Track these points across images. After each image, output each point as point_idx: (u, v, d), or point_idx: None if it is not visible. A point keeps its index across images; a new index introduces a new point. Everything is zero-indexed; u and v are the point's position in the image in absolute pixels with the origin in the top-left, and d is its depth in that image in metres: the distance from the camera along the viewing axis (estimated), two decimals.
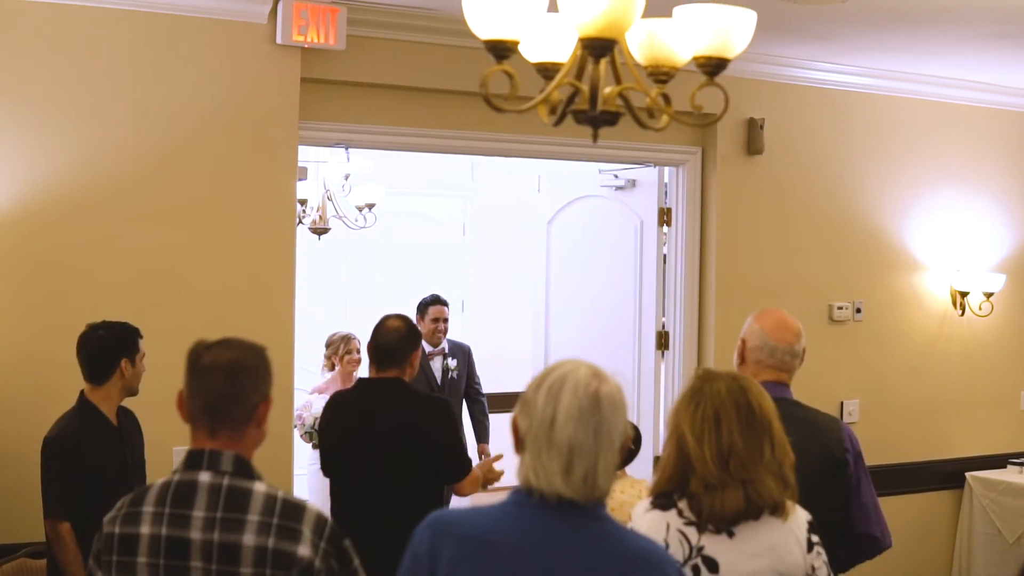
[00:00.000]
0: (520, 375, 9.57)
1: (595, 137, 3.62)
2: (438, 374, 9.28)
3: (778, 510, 3.63)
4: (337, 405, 5.95)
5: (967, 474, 9.30)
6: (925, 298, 9.23)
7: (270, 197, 6.78)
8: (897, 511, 8.91)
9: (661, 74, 3.70)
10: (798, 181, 8.63)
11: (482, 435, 9.69)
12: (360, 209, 10.37)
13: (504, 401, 9.83)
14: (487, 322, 12.72)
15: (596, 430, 2.81)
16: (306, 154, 9.33)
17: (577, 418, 2.80)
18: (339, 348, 9.32)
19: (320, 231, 10.41)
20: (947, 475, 9.33)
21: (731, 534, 3.58)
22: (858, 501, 4.76)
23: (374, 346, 5.83)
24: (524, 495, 2.87)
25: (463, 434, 6.10)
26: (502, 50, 3.53)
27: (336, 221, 10.50)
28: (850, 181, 8.85)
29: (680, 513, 3.60)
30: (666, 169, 8.47)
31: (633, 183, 8.66)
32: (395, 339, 5.80)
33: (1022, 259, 9.66)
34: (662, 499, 3.65)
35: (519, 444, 2.90)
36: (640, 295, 8.60)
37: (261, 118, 6.74)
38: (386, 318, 5.90)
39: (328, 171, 10.22)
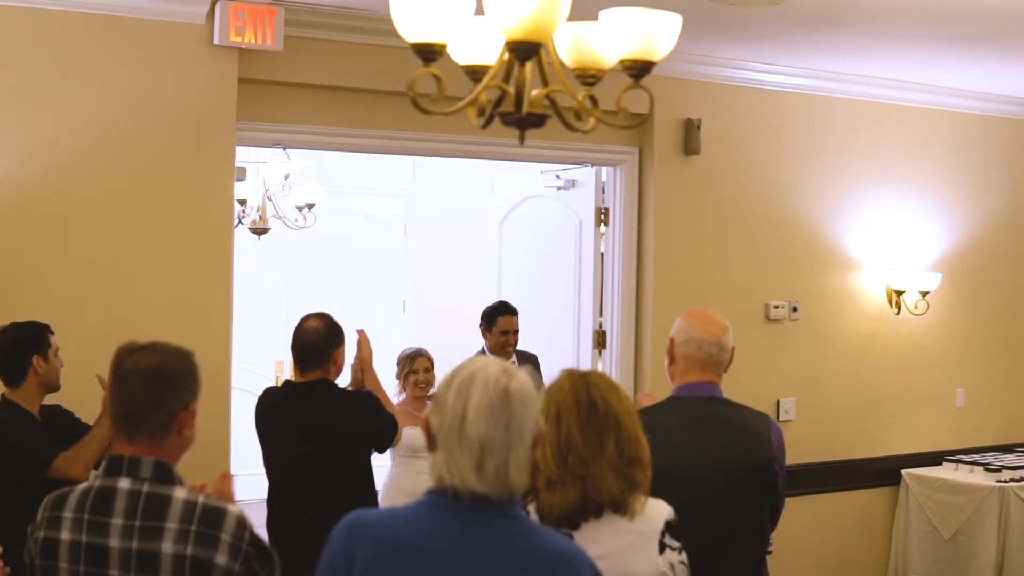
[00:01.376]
0: None
1: (521, 139, 3.64)
2: None
3: (620, 508, 3.60)
4: (265, 411, 5.95)
5: (903, 471, 9.38)
6: (861, 297, 9.31)
7: (208, 197, 6.77)
8: (834, 509, 9.02)
9: (588, 76, 3.73)
10: (735, 181, 8.68)
11: None
12: (300, 209, 10.36)
13: None
14: (429, 322, 12.72)
15: (507, 425, 2.82)
16: (246, 154, 9.32)
17: (488, 414, 2.82)
18: (404, 368, 7.92)
19: (260, 231, 10.40)
20: (883, 473, 9.41)
21: (571, 535, 3.51)
22: (781, 503, 4.76)
23: (294, 348, 5.83)
24: (439, 495, 2.87)
25: (388, 412, 6.06)
26: (429, 53, 3.55)
27: (276, 221, 10.49)
28: (786, 181, 8.91)
29: (528, 515, 3.51)
30: (604, 169, 8.51)
31: (573, 183, 8.70)
32: (314, 339, 5.79)
33: (957, 258, 9.76)
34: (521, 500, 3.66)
35: (432, 443, 2.91)
36: (579, 294, 8.64)
37: (199, 119, 6.73)
38: (305, 318, 5.89)
39: (268, 171, 10.21)
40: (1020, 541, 8.81)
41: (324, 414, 5.69)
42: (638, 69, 3.68)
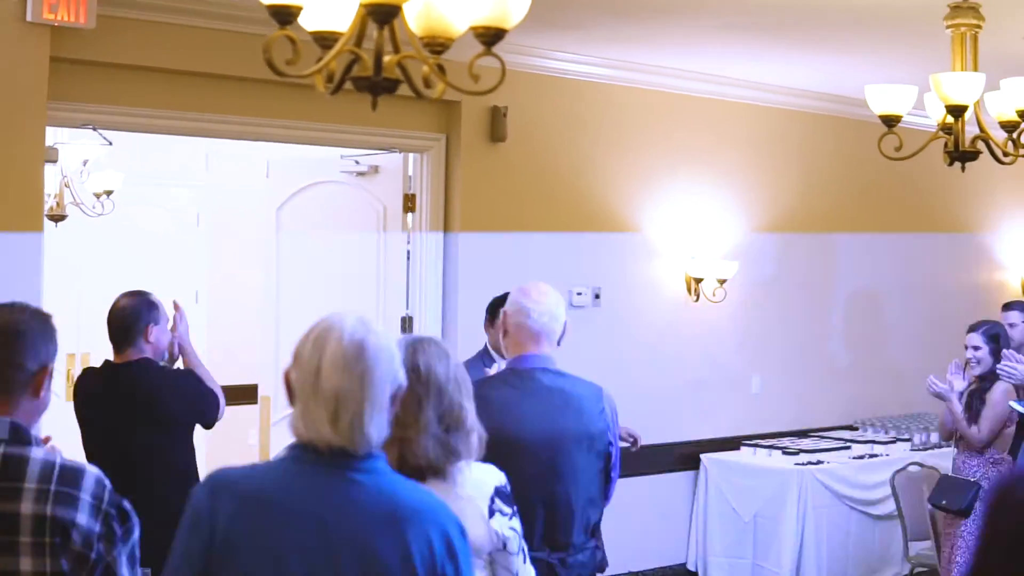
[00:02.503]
0: (254, 367, 9.47)
1: (374, 104, 3.61)
2: None
3: (439, 474, 3.63)
4: (84, 393, 5.83)
5: (702, 456, 9.55)
6: (661, 284, 9.45)
7: (16, 179, 6.57)
8: (636, 493, 9.12)
9: (437, 45, 3.70)
10: (540, 168, 8.74)
11: None
12: (98, 196, 10.11)
13: (241, 393, 9.72)
14: (221, 314, 12.54)
15: (361, 378, 2.82)
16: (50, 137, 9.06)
17: (342, 367, 2.81)
18: None
19: (57, 218, 10.10)
20: (683, 457, 9.57)
21: None
22: (616, 472, 4.84)
23: (108, 327, 5.76)
24: (300, 450, 2.87)
25: (209, 387, 5.95)
26: (285, 15, 3.51)
27: (73, 208, 10.21)
28: (590, 169, 9.00)
29: None
30: (410, 155, 8.48)
31: (376, 169, 8.63)
32: (123, 316, 5.73)
33: (754, 246, 9.97)
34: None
35: (291, 397, 2.90)
36: (384, 281, 8.58)
37: (8, 97, 6.52)
38: (118, 297, 5.83)
39: (66, 156, 9.92)
40: (818, 522, 9.05)
41: (144, 394, 5.59)
42: (491, 36, 3.68)
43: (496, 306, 6.98)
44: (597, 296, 9.02)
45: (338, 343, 2.84)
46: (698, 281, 9.57)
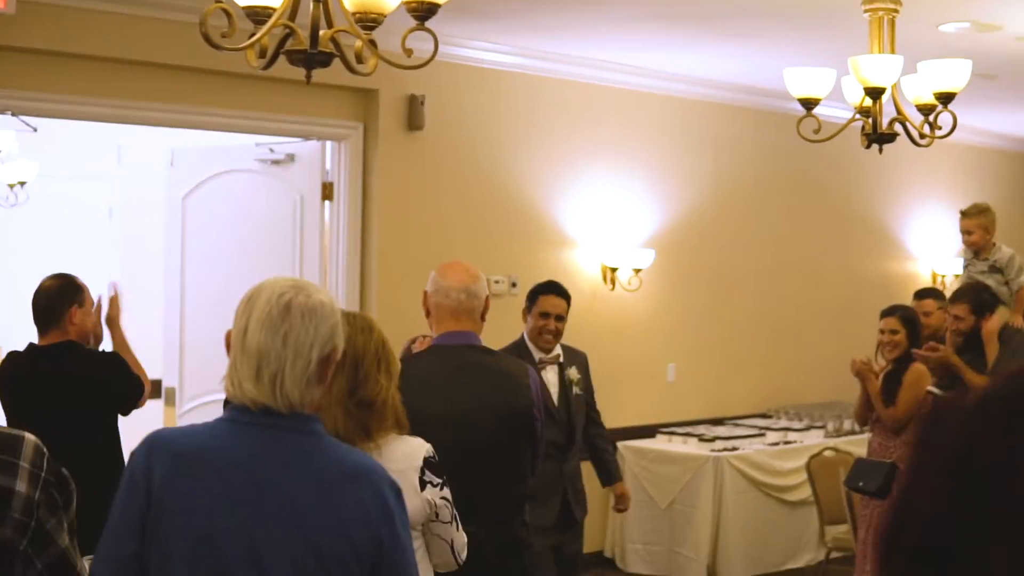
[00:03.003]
0: (160, 361, 9.34)
1: (308, 78, 3.62)
2: (555, 390, 6.86)
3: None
4: (8, 376, 5.78)
5: (618, 443, 9.58)
6: (577, 273, 9.48)
7: None
8: None
9: (369, 20, 3.71)
10: (457, 157, 8.76)
11: (614, 471, 7.43)
12: (12, 187, 10.00)
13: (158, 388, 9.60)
14: (134, 308, 12.42)
15: (284, 337, 2.85)
16: None
17: (267, 326, 2.85)
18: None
19: None
20: None
21: None
22: (541, 448, 4.87)
23: (32, 309, 5.72)
24: (237, 411, 2.90)
25: (135, 372, 5.92)
26: None
27: None
28: (506, 159, 9.03)
29: None
30: (328, 144, 8.45)
31: (292, 157, 8.58)
32: (46, 297, 5.71)
33: (670, 236, 10.04)
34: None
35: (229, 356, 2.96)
36: (300, 270, 8.53)
37: None
38: (43, 279, 5.81)
39: None
40: (735, 508, 9.13)
41: (69, 376, 5.55)
42: (424, 11, 3.70)
43: (532, 293, 7.08)
44: (514, 285, 9.04)
45: (266, 303, 2.88)
46: (614, 270, 9.62)
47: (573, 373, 6.90)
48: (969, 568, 1.61)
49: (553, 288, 7.06)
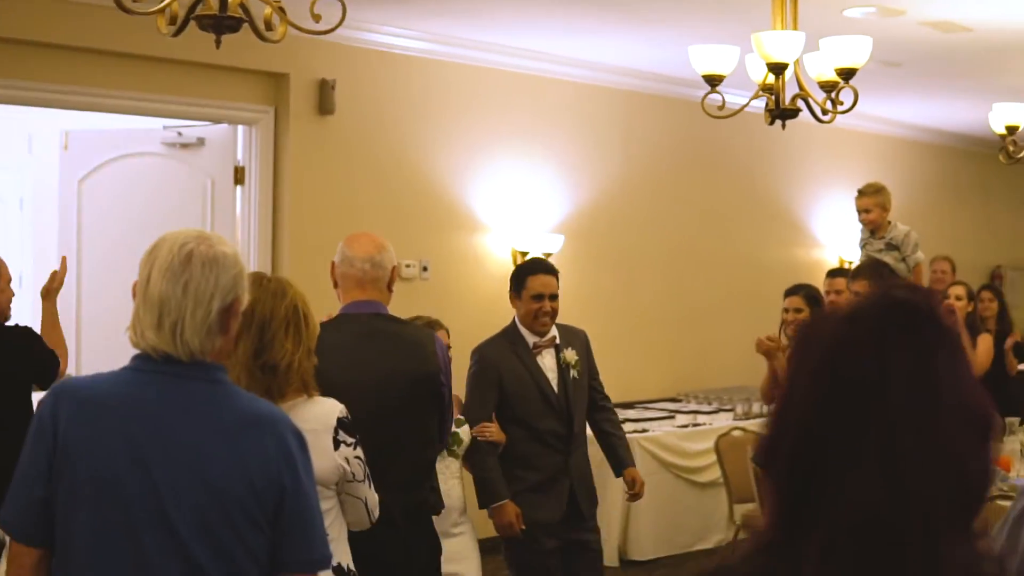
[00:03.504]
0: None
1: (218, 43, 3.66)
2: (552, 376, 6.34)
3: None
4: None
5: None
6: (487, 258, 9.58)
7: None
8: None
9: None
10: (368, 142, 8.81)
11: (624, 455, 6.67)
12: None
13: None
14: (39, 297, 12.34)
15: (185, 286, 2.90)
16: None
17: (168, 275, 2.91)
18: None
19: None
20: None
21: None
22: (449, 413, 5.01)
23: None
24: (142, 360, 2.95)
25: (49, 347, 5.91)
26: None
27: None
28: (417, 144, 9.09)
29: None
30: (239, 128, 8.46)
31: (202, 141, 8.57)
32: None
33: (579, 221, 10.15)
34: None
35: None
36: None
37: None
38: None
39: None
40: (645, 489, 9.17)
41: None
42: None
43: (518, 275, 6.48)
44: (425, 268, 9.11)
45: (168, 252, 2.95)
46: (524, 255, 9.69)
47: (570, 355, 6.35)
48: (841, 473, 1.70)
49: (540, 267, 6.53)
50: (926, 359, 1.74)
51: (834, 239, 12.34)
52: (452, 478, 6.06)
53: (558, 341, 6.38)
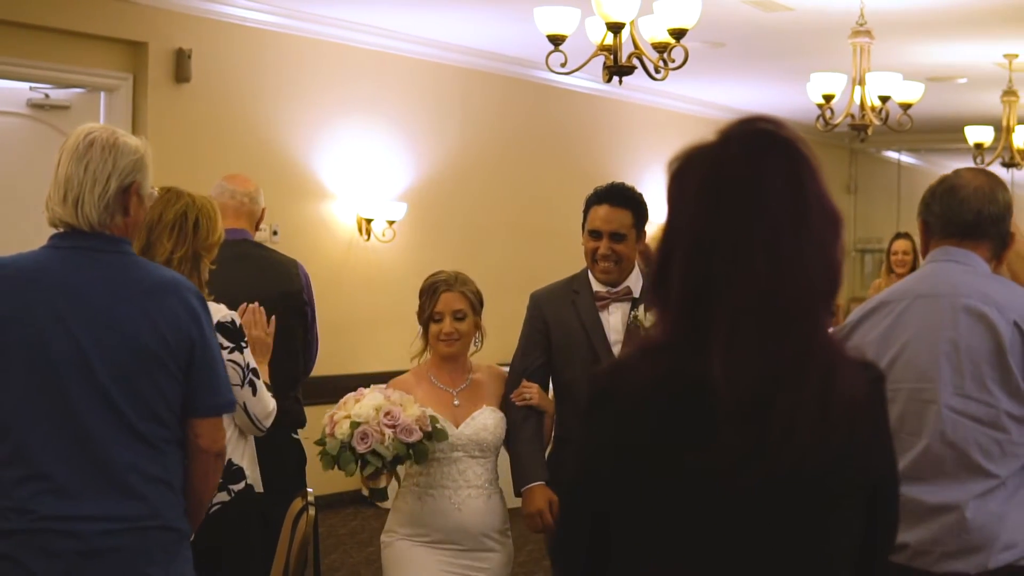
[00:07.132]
0: None
1: None
2: (615, 336, 4.99)
3: None
4: None
5: (375, 387, 9.98)
6: (333, 224, 10.00)
7: None
8: (311, 422, 9.52)
9: None
10: (222, 111, 9.16)
11: None
12: None
13: None
14: None
15: (86, 166, 3.36)
16: None
17: (73, 157, 3.37)
18: (425, 308, 5.33)
19: None
20: (356, 389, 9.96)
21: None
22: (313, 332, 5.73)
23: None
24: (58, 238, 3.42)
25: None
26: None
27: None
28: (269, 113, 9.47)
29: None
30: (102, 94, 8.71)
31: (67, 106, 8.75)
32: None
33: (422, 190, 10.65)
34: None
35: None
36: None
37: None
38: None
39: None
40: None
41: None
42: None
43: (589, 205, 5.20)
44: (275, 233, 9.43)
45: (75, 139, 3.41)
46: (369, 221, 10.11)
47: (646, 316, 4.87)
48: (733, 271, 2.04)
49: (607, 195, 5.09)
50: (793, 164, 2.09)
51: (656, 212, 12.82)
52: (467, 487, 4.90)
53: (635, 295, 5.00)
